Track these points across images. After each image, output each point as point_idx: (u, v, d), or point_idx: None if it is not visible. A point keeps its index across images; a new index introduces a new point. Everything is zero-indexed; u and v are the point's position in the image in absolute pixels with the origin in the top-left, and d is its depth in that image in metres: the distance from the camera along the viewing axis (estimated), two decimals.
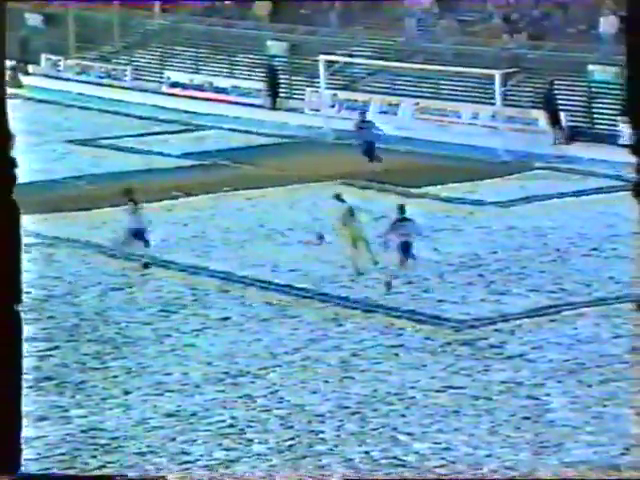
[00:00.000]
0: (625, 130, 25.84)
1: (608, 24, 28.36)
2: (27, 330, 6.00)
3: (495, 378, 13.50)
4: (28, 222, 12.04)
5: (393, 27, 31.38)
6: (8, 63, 3.99)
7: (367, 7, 32.83)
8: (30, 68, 36.31)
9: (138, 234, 18.01)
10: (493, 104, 26.50)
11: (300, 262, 18.07)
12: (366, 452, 11.83)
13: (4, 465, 4.56)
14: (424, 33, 31.05)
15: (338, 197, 18.61)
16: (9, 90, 4.48)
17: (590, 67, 27.18)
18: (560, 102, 26.97)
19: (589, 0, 29.40)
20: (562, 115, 26.69)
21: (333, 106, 29.20)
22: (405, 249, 17.29)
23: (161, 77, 34.35)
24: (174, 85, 33.87)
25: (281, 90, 31.67)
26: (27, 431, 6.07)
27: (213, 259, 18.55)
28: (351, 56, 30.38)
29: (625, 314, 15.29)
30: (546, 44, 28.41)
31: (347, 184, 22.60)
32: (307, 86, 30.76)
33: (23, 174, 6.66)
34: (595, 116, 27.04)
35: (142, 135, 28.07)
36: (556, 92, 27.01)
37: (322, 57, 28.57)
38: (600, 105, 27.14)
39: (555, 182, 22.67)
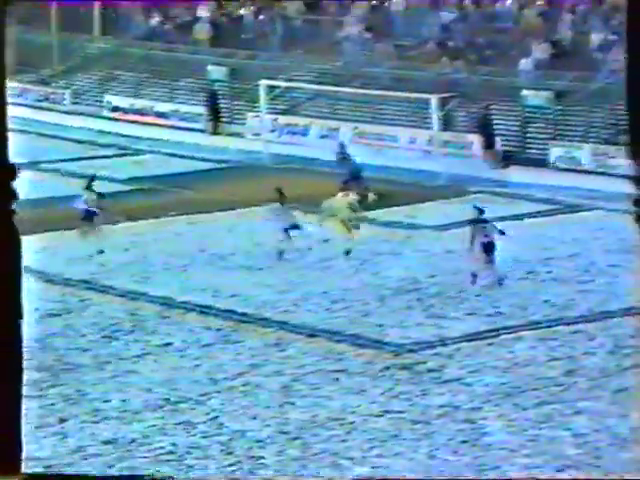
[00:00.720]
0: (555, 154, 26.33)
1: (540, 50, 28.79)
2: None
3: (434, 402, 13.54)
4: None
5: (332, 52, 31.54)
6: None
7: (307, 31, 33.00)
8: None
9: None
10: (430, 128, 26.76)
11: (241, 287, 18.01)
12: (307, 477, 11.80)
13: (4, 465, 4.61)
14: (362, 58, 31.26)
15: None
16: None
17: (524, 92, 27.56)
18: (495, 126, 27.34)
19: (523, 26, 29.85)
20: (497, 139, 27.05)
21: (273, 131, 29.22)
22: (487, 250, 17.58)
23: (101, 101, 34.11)
24: (115, 109, 33.66)
25: (222, 115, 31.64)
26: None
27: (154, 284, 18.39)
28: (291, 81, 30.43)
29: (561, 337, 15.55)
30: (481, 69, 28.75)
31: (290, 208, 22.68)
32: (248, 111, 30.76)
33: None
34: (528, 140, 27.39)
35: (82, 159, 27.81)
36: (491, 116, 27.36)
37: (263, 82, 28.63)
38: (533, 129, 27.52)
39: (491, 206, 22.54)
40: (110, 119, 32.95)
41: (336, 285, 17.87)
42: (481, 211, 18.18)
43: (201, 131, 31.21)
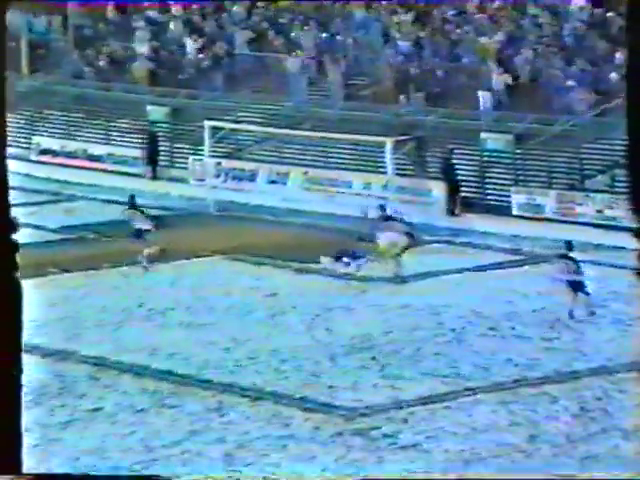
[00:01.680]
0: (518, 201, 26.53)
1: (500, 80, 28.92)
2: None
3: (389, 470, 13.48)
4: None
5: (280, 91, 31.70)
6: None
7: (253, 69, 33.16)
8: None
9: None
10: (385, 173, 26.92)
11: (182, 345, 17.88)
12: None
13: (4, 465, 5.12)
14: (312, 97, 31.45)
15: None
16: None
17: (482, 135, 27.78)
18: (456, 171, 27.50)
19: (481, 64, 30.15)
20: (459, 185, 27.10)
21: (218, 176, 29.22)
22: (575, 288, 18.36)
23: (30, 143, 33.92)
24: (44, 152, 33.47)
25: (162, 158, 31.62)
26: None
27: (85, 343, 18.21)
28: (237, 122, 30.49)
29: (523, 399, 15.56)
30: (438, 110, 28.92)
31: (237, 259, 22.65)
32: (190, 154, 30.71)
33: None
34: (488, 186, 27.59)
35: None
36: (454, 161, 27.38)
37: (206, 123, 28.62)
38: (493, 174, 27.69)
39: (450, 256, 22.97)
40: (39, 163, 32.75)
41: (285, 343, 17.83)
42: (570, 247, 18.61)
43: (139, 176, 31.16)
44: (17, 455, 5.19)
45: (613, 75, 27.38)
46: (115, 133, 33.05)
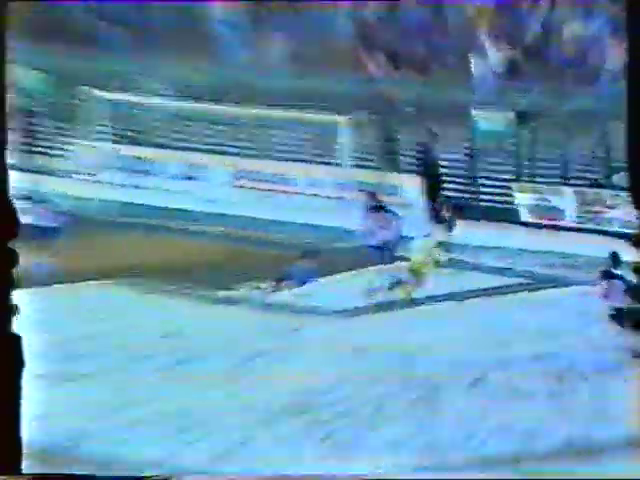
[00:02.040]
0: (522, 202, 26.41)
1: (499, 52, 28.93)
2: None
3: None
4: None
5: (201, 53, 31.53)
6: None
7: (165, 24, 32.95)
8: None
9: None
10: (339, 164, 27.02)
11: (44, 406, 17.13)
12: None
13: (4, 465, 6.80)
14: (245, 62, 31.31)
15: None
16: None
17: (474, 112, 27.62)
18: (439, 162, 27.71)
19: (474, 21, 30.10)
20: (441, 181, 27.36)
21: (113, 167, 29.34)
22: (617, 316, 19.01)
23: None
24: None
25: (38, 143, 31.34)
26: None
27: None
28: (140, 94, 30.48)
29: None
30: (413, 79, 28.88)
31: (130, 284, 22.83)
32: (76, 137, 30.61)
33: None
34: (480, 182, 27.55)
35: None
36: (435, 147, 27.63)
37: (97, 93, 28.78)
38: (487, 166, 27.66)
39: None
40: None
41: (193, 401, 17.83)
42: (616, 259, 19.10)
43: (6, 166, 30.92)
44: (17, 455, 6.93)
45: None
46: None
